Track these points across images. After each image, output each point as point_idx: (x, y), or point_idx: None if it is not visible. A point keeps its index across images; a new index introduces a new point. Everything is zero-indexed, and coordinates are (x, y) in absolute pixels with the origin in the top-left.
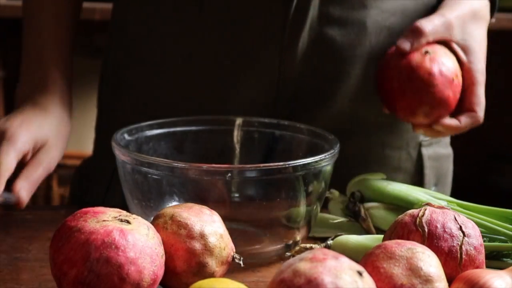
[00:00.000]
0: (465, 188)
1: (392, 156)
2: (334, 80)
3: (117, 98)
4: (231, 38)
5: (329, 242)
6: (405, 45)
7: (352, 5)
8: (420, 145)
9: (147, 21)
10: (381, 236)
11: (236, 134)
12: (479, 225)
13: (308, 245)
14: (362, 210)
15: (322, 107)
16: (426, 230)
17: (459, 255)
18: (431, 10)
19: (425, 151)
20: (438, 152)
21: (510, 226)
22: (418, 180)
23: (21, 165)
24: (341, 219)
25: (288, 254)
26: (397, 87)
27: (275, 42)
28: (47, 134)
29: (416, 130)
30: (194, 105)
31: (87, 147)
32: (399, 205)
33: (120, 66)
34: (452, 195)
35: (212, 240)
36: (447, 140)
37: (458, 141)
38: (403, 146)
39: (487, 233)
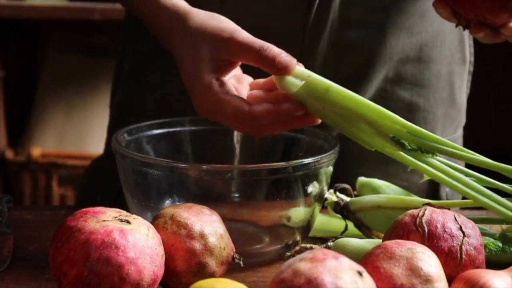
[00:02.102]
0: None
1: None
2: (354, 82)
3: (132, 101)
4: None
5: (329, 243)
6: None
7: (372, 8)
8: None
9: None
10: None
11: (236, 134)
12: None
13: (308, 245)
14: (349, 207)
15: None
16: (426, 230)
17: (459, 255)
18: None
19: None
20: None
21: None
22: (434, 181)
23: None
24: (339, 217)
25: (288, 254)
26: None
27: (295, 45)
28: None
29: (476, 32)
30: None
31: (87, 147)
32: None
33: (136, 70)
34: None
35: (212, 240)
36: (460, 141)
37: (464, 141)
38: None
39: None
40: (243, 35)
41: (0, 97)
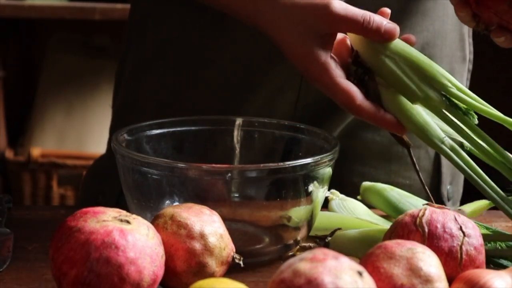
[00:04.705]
0: (470, 189)
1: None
2: None
3: (134, 101)
4: (254, 43)
5: (328, 239)
6: None
7: (374, 7)
8: None
9: (168, 27)
10: (381, 227)
11: (236, 134)
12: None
13: (307, 244)
14: (366, 75)
15: (342, 111)
16: (426, 230)
17: (459, 255)
18: (449, 10)
19: None
20: None
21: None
22: (436, 179)
23: None
24: (340, 216)
25: (289, 253)
26: None
27: None
28: None
29: (498, 36)
30: (214, 110)
31: (87, 147)
32: (389, 213)
33: (138, 70)
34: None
35: (212, 240)
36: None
37: None
38: (422, 145)
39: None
40: (339, 6)
41: (0, 97)
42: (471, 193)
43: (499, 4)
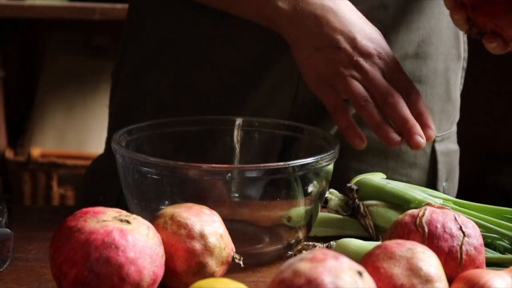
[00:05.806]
0: (464, 187)
1: (408, 152)
2: None
3: (132, 101)
4: (253, 42)
5: (332, 243)
6: None
7: (373, 5)
8: (433, 141)
9: (167, 27)
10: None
11: (236, 134)
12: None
13: (310, 243)
14: (362, 207)
15: None
16: (426, 230)
17: (459, 255)
18: (445, 8)
19: (438, 147)
20: (449, 147)
21: (508, 224)
22: (432, 176)
23: None
24: (340, 217)
25: (290, 253)
26: None
27: None
28: None
29: (490, 42)
30: (212, 110)
31: (87, 147)
32: (397, 203)
33: (136, 70)
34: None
35: (212, 240)
36: (455, 136)
37: (459, 139)
38: None
39: (484, 232)
40: None
41: (0, 97)
42: (466, 190)
43: (497, 11)
